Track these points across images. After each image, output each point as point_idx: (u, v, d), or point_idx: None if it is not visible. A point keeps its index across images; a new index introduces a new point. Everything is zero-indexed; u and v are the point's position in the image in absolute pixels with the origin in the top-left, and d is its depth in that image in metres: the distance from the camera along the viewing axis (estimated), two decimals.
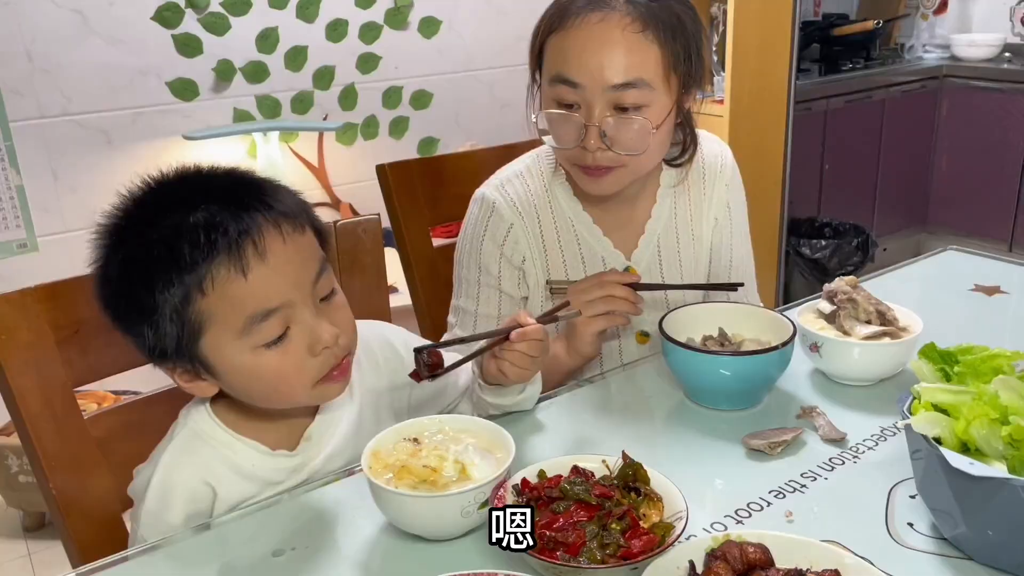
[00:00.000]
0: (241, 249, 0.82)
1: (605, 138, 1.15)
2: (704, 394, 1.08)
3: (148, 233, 0.83)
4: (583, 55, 1.13)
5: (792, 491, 0.91)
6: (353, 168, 2.92)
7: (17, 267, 2.48)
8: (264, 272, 0.83)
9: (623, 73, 1.13)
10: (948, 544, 0.81)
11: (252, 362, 0.86)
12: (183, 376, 0.89)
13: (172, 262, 0.81)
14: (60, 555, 1.05)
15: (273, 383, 0.88)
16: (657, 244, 1.32)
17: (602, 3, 1.14)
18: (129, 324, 0.87)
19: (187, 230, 0.81)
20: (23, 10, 2.36)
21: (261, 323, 0.84)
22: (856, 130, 3.54)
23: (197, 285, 0.82)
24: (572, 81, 1.14)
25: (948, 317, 1.30)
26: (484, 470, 0.85)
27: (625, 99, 1.14)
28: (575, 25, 1.14)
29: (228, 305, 0.83)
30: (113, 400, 2.22)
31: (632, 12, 1.13)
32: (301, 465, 0.96)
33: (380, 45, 2.92)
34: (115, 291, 0.86)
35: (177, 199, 0.85)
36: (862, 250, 3.33)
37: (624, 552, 0.74)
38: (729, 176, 1.36)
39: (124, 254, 0.84)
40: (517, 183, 1.29)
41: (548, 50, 1.17)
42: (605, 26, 1.13)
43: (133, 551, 0.88)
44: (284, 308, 0.85)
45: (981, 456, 0.77)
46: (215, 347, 0.85)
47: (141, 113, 2.57)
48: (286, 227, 0.86)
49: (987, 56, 3.70)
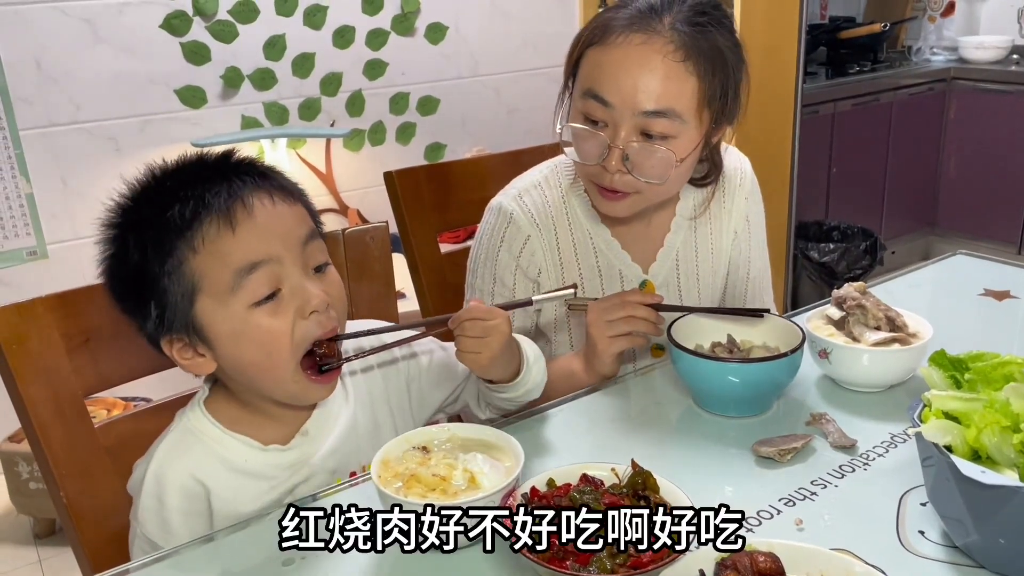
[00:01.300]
0: (230, 208, 0.87)
1: (627, 162, 1.13)
2: (713, 401, 1.08)
3: (146, 208, 0.88)
4: (619, 75, 1.11)
5: (802, 499, 0.90)
6: (360, 174, 2.93)
7: (27, 275, 2.49)
8: (250, 226, 0.87)
9: (656, 100, 1.10)
10: (959, 552, 0.81)
11: (242, 323, 0.88)
12: (182, 352, 0.92)
13: (166, 226, 0.86)
14: (70, 562, 1.05)
15: (264, 346, 0.89)
16: (676, 258, 1.31)
17: (647, 25, 1.11)
18: (135, 301, 0.90)
19: (181, 195, 0.87)
20: (32, 19, 2.37)
21: (248, 276, 0.87)
22: (864, 133, 3.53)
23: (189, 244, 0.86)
24: (603, 99, 1.12)
25: (958, 322, 1.29)
26: (493, 479, 0.85)
27: (653, 127, 1.11)
28: (616, 43, 1.12)
29: (218, 261, 0.86)
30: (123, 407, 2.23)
31: (676, 39, 1.10)
32: (296, 461, 0.96)
33: (387, 51, 2.93)
34: (119, 269, 0.91)
35: (176, 180, 0.90)
36: (870, 253, 3.32)
37: (634, 561, 0.74)
38: (749, 189, 1.35)
39: (125, 232, 0.89)
40: (535, 194, 1.27)
41: (585, 62, 1.16)
42: (646, 49, 1.10)
43: (141, 562, 0.88)
44: (271, 263, 0.88)
45: (992, 464, 0.76)
46: (209, 310, 0.88)
47: (150, 121, 2.58)
48: (276, 193, 0.91)
49: (995, 58, 3.69)
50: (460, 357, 1.00)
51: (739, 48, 1.17)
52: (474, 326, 0.98)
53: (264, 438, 0.95)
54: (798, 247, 3.28)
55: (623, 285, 1.29)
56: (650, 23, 1.11)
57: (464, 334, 0.98)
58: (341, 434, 1.00)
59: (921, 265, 1.57)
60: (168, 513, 0.92)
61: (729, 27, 1.17)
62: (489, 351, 0.98)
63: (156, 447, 0.96)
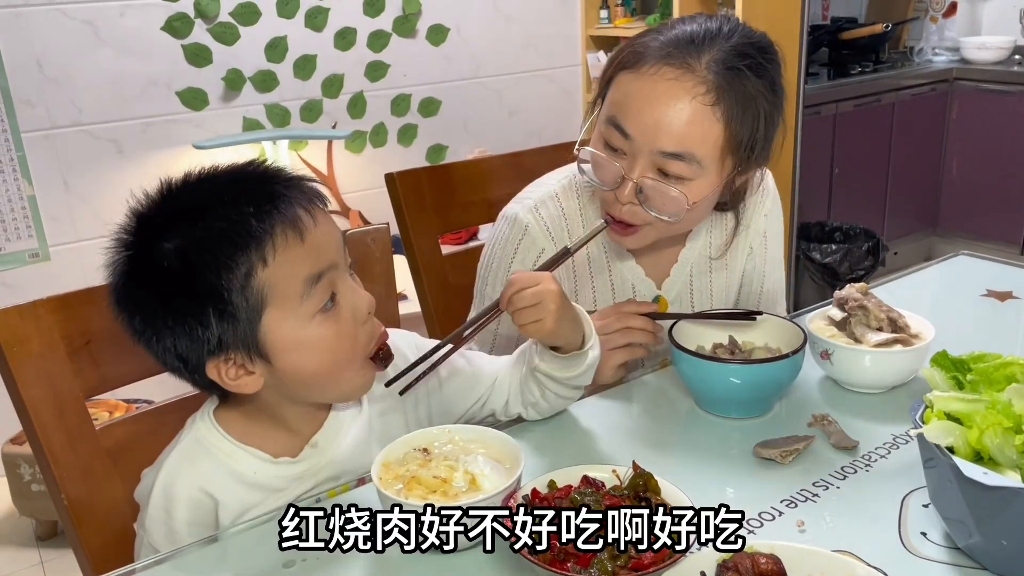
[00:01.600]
0: (297, 216, 0.87)
1: (640, 194, 1.10)
2: (715, 402, 1.08)
3: (204, 218, 0.85)
4: (643, 108, 1.07)
5: (804, 500, 0.90)
6: (362, 176, 2.93)
7: (28, 276, 2.49)
8: (316, 234, 0.88)
9: (676, 143, 1.06)
10: (962, 554, 0.81)
11: (311, 334, 0.88)
12: (231, 371, 0.88)
13: (236, 238, 0.84)
14: (72, 564, 1.05)
15: (331, 354, 0.90)
16: (690, 273, 1.30)
17: (683, 59, 1.06)
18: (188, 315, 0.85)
19: (243, 207, 0.85)
20: (34, 21, 2.38)
21: (315, 285, 0.88)
22: (866, 134, 3.53)
23: (260, 255, 0.85)
24: (624, 130, 1.08)
25: (960, 323, 1.29)
26: (494, 480, 0.85)
27: (670, 167, 1.08)
28: (646, 73, 1.07)
29: (288, 270, 0.86)
30: (124, 409, 2.23)
31: (709, 81, 1.05)
32: (305, 473, 0.96)
33: (388, 53, 2.93)
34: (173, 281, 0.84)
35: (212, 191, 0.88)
36: (872, 254, 3.32)
37: (635, 563, 0.74)
38: (769, 206, 1.32)
39: (179, 242, 0.84)
40: (552, 205, 1.25)
41: (615, 86, 1.12)
42: (675, 87, 1.05)
43: (144, 563, 0.88)
44: (331, 271, 0.89)
45: (994, 465, 0.76)
46: (276, 322, 0.87)
47: (151, 123, 2.59)
48: (319, 204, 0.92)
49: (997, 59, 3.69)
50: (526, 332, 0.99)
51: (778, 96, 1.12)
52: (523, 296, 0.97)
53: (274, 450, 0.94)
54: (800, 248, 3.28)
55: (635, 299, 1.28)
56: (686, 58, 1.06)
57: (518, 307, 0.97)
58: (351, 445, 0.99)
59: (923, 266, 1.57)
60: (176, 524, 0.91)
61: (773, 74, 1.11)
62: (549, 314, 0.97)
63: (165, 457, 0.94)
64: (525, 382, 1.07)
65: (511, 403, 1.09)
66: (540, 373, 1.04)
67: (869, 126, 3.54)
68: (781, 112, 1.13)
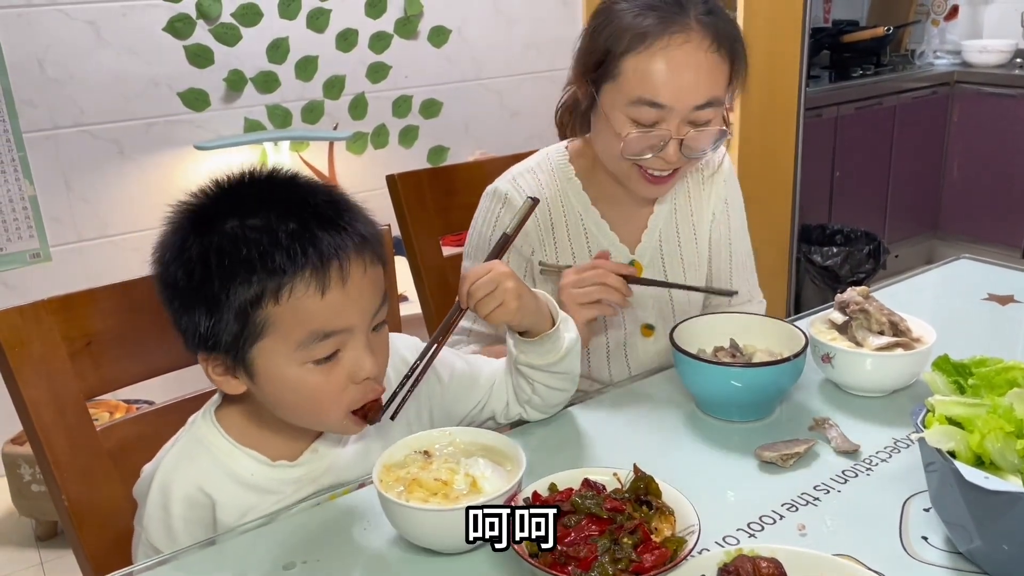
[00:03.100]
0: (327, 269, 0.83)
1: (682, 147, 1.19)
2: (716, 406, 1.08)
3: (238, 228, 0.83)
4: (670, 78, 1.16)
5: (805, 504, 0.90)
6: (363, 177, 2.93)
7: (30, 277, 2.49)
8: (339, 295, 0.84)
9: (705, 94, 1.17)
10: (963, 558, 0.81)
11: (296, 375, 0.86)
12: (218, 370, 0.89)
13: (257, 263, 0.82)
14: (72, 564, 1.05)
15: (311, 400, 0.89)
16: (659, 238, 1.36)
17: (680, 23, 1.16)
18: (187, 309, 0.86)
19: (281, 235, 0.82)
20: (36, 21, 2.38)
21: (320, 342, 0.85)
22: (867, 137, 3.53)
23: (274, 292, 0.82)
24: (658, 103, 1.16)
25: (961, 327, 1.29)
26: (495, 483, 0.85)
27: (702, 116, 1.18)
28: (659, 48, 1.16)
29: (296, 318, 0.83)
30: (125, 409, 2.23)
31: (707, 33, 1.17)
32: (303, 477, 0.96)
33: (390, 54, 2.93)
34: (187, 274, 0.84)
35: (273, 199, 0.85)
36: (873, 257, 3.32)
37: (636, 567, 0.74)
38: (726, 173, 1.40)
39: (209, 241, 0.83)
40: (529, 177, 1.33)
41: (626, 71, 1.18)
42: (690, 49, 1.16)
43: (143, 565, 0.88)
44: (344, 333, 0.86)
45: (996, 470, 0.76)
46: (267, 353, 0.86)
47: (153, 123, 2.59)
48: (368, 255, 0.87)
49: (998, 62, 3.69)
50: (493, 319, 1.00)
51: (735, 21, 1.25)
52: (479, 287, 0.99)
53: (273, 453, 0.94)
54: (801, 251, 3.28)
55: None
56: (681, 20, 1.16)
57: (478, 297, 1.00)
58: (352, 452, 0.99)
59: (924, 269, 1.57)
60: (173, 521, 0.91)
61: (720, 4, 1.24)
62: (508, 292, 0.99)
63: (165, 454, 0.94)
64: (515, 381, 1.07)
65: (510, 404, 1.09)
66: (522, 365, 1.05)
67: (870, 129, 3.54)
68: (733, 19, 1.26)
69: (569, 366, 1.06)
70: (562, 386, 1.08)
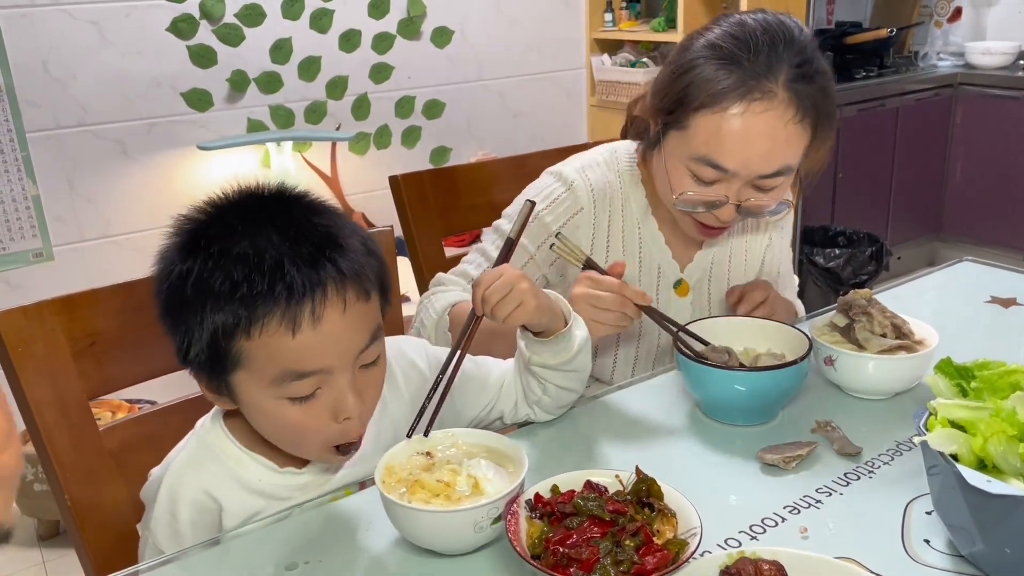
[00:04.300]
0: (299, 308, 0.80)
1: (740, 209, 1.16)
2: (719, 409, 1.08)
3: (218, 255, 0.81)
4: (742, 146, 1.10)
5: (807, 506, 0.90)
6: (366, 177, 2.93)
7: (33, 276, 2.50)
8: (312, 337, 0.81)
9: (776, 164, 1.12)
10: (965, 562, 0.80)
11: (274, 409, 0.86)
12: (207, 387, 0.89)
13: (229, 295, 0.80)
14: (74, 564, 1.05)
15: (290, 434, 0.88)
16: (711, 260, 1.34)
17: (765, 89, 1.09)
18: (173, 326, 0.86)
19: (255, 269, 0.80)
20: (40, 21, 2.38)
21: (293, 382, 0.83)
22: (870, 138, 3.53)
23: (246, 327, 0.80)
24: (722, 167, 1.12)
25: (964, 329, 1.29)
26: (497, 485, 0.85)
27: (768, 183, 1.14)
28: (735, 112, 1.09)
29: (267, 355, 0.82)
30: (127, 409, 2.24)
31: (795, 101, 1.10)
32: (309, 483, 0.95)
33: (393, 55, 2.93)
34: (172, 292, 0.84)
35: (261, 227, 0.82)
36: (876, 259, 3.32)
37: (638, 569, 0.74)
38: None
39: (191, 265, 0.82)
40: (597, 171, 1.27)
41: (695, 126, 1.13)
42: (769, 118, 1.09)
43: (147, 564, 0.88)
44: (321, 373, 0.84)
45: (998, 473, 0.76)
46: (244, 383, 0.85)
47: (156, 123, 2.59)
48: (351, 293, 0.83)
49: (1002, 64, 3.68)
50: (511, 322, 0.97)
51: (830, 74, 1.15)
52: (494, 291, 0.96)
53: (280, 460, 0.94)
54: (804, 252, 3.28)
55: (659, 280, 1.31)
56: (766, 85, 1.09)
57: (494, 302, 0.96)
58: (358, 456, 0.99)
59: (927, 272, 1.57)
60: (180, 526, 0.91)
61: (816, 50, 1.14)
62: (525, 293, 0.96)
63: (173, 458, 0.94)
64: (525, 381, 1.07)
65: (519, 405, 1.09)
66: (535, 366, 1.03)
67: (873, 131, 3.53)
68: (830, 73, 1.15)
69: (580, 364, 1.05)
70: (572, 386, 1.07)
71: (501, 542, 0.84)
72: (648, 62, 3.24)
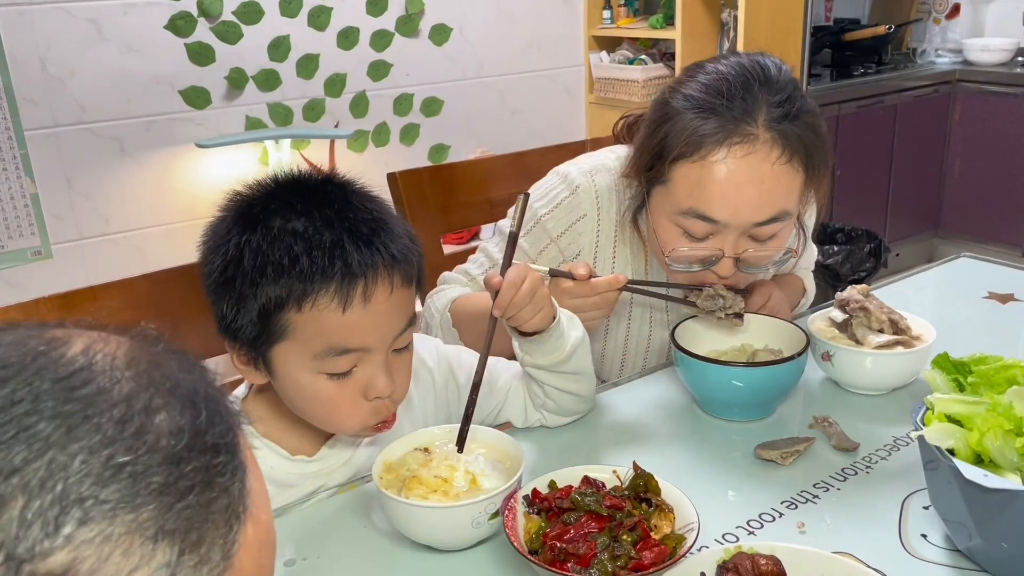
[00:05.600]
0: (352, 286, 0.83)
1: (738, 263, 1.09)
2: (716, 405, 1.08)
3: (277, 229, 0.84)
4: (727, 193, 1.04)
5: (804, 501, 0.90)
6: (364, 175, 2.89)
7: (31, 274, 2.49)
8: (360, 314, 0.84)
9: (769, 210, 1.05)
10: (962, 556, 0.81)
11: (311, 383, 0.87)
12: (242, 359, 0.90)
13: (287, 268, 0.83)
14: None
15: (324, 409, 0.90)
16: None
17: (744, 132, 1.03)
18: (218, 296, 0.87)
19: (315, 245, 0.83)
20: (38, 19, 2.38)
21: (336, 357, 0.85)
22: (868, 135, 3.53)
23: (298, 299, 0.83)
24: (711, 218, 1.06)
25: (961, 325, 1.29)
26: (495, 480, 0.85)
27: (764, 232, 1.07)
28: (716, 159, 1.03)
29: (315, 329, 0.84)
30: None
31: (778, 142, 1.03)
32: (319, 472, 0.96)
33: (391, 52, 2.93)
34: (223, 263, 0.86)
35: (320, 206, 0.85)
36: (875, 256, 3.32)
37: (635, 564, 0.74)
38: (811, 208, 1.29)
39: (249, 236, 0.84)
40: (605, 176, 1.22)
41: (677, 178, 1.07)
42: (753, 161, 1.03)
43: None
44: (361, 351, 0.86)
45: (995, 468, 0.76)
46: (285, 355, 0.86)
47: (154, 121, 2.59)
48: (398, 277, 0.87)
49: (1000, 60, 3.68)
50: (530, 327, 0.97)
51: (818, 112, 1.10)
52: (523, 298, 0.94)
53: (292, 447, 0.95)
54: None
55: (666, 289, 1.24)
56: (746, 128, 1.03)
57: (522, 306, 0.94)
58: (366, 449, 0.99)
59: (925, 268, 1.57)
60: None
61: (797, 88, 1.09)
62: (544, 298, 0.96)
63: None
64: (528, 385, 1.06)
65: (528, 410, 1.07)
66: (530, 367, 1.03)
67: (871, 127, 3.53)
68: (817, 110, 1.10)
69: (577, 365, 1.03)
70: (574, 388, 1.04)
71: (499, 537, 0.84)
72: (646, 59, 3.24)
